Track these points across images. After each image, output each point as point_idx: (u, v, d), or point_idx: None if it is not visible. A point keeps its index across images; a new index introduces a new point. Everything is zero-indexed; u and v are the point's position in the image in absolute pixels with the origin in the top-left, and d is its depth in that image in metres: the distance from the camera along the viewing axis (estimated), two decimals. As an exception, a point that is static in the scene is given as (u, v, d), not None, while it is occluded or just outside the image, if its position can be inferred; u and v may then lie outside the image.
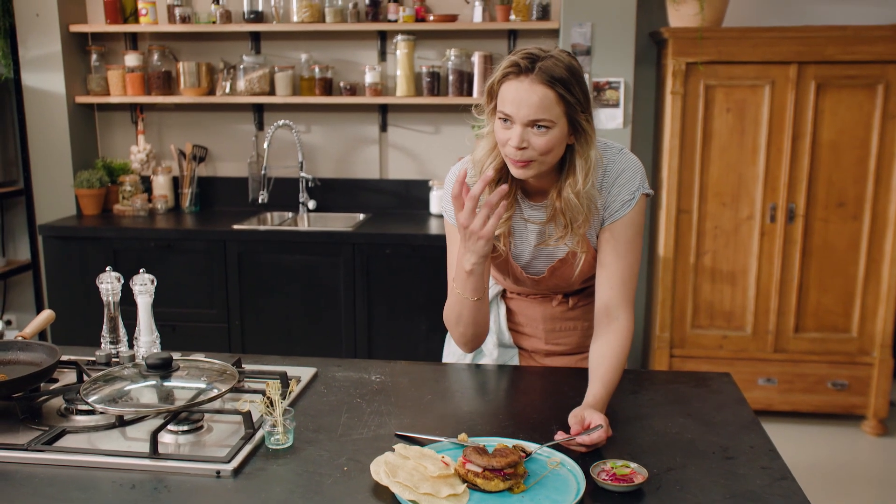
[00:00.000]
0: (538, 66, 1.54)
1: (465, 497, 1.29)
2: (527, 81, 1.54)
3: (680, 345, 3.75)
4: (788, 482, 1.35)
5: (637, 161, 1.75)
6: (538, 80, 1.54)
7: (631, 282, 1.73)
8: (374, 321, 3.66)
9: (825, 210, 3.59)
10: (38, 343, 1.76)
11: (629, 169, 1.72)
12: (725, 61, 3.50)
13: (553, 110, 1.55)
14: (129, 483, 1.36)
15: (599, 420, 1.46)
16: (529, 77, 1.54)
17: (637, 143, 3.96)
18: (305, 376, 1.83)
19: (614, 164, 1.72)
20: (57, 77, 4.01)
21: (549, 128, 1.56)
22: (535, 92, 1.54)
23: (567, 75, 1.55)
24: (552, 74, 1.54)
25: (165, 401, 1.58)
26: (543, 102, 1.54)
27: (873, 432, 3.66)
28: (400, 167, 4.16)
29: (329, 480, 1.36)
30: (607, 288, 1.72)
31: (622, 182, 1.71)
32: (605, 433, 1.45)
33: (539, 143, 1.57)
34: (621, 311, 1.71)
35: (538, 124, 1.56)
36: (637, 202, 1.71)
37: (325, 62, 4.05)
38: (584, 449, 1.47)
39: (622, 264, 1.72)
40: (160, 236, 3.73)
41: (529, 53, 1.57)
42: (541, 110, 1.54)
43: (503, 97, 1.59)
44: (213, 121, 4.23)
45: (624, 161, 1.73)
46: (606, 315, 1.71)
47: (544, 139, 1.57)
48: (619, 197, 1.71)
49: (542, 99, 1.54)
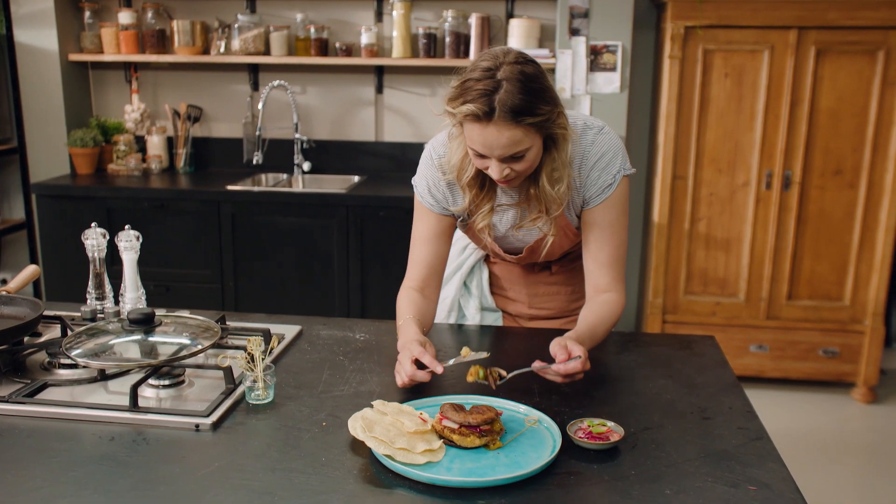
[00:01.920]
0: (497, 106, 1.45)
1: (441, 453, 1.29)
2: (491, 126, 1.47)
3: (673, 311, 3.76)
4: (763, 442, 1.35)
5: (617, 141, 1.70)
6: (502, 122, 1.46)
7: (620, 261, 1.73)
8: (367, 283, 3.66)
9: (821, 178, 3.57)
10: (21, 297, 1.76)
11: (609, 152, 1.68)
12: (725, 25, 3.45)
13: (525, 141, 1.50)
14: (109, 435, 1.37)
15: (579, 352, 1.46)
16: (492, 121, 1.47)
17: (634, 107, 3.92)
18: (290, 334, 1.83)
19: (594, 146, 1.67)
20: (50, 34, 3.97)
21: (525, 152, 1.52)
22: (502, 135, 1.48)
23: (527, 100, 1.46)
24: (513, 109, 1.45)
25: (148, 355, 1.59)
26: (514, 140, 1.48)
27: (863, 400, 3.68)
28: (395, 129, 4.14)
29: (307, 435, 1.37)
30: (596, 270, 1.72)
31: (602, 166, 1.67)
32: (581, 365, 1.45)
33: (520, 168, 1.55)
34: (613, 289, 1.72)
35: (515, 156, 1.52)
36: (618, 185, 1.69)
37: (320, 22, 4.01)
38: (560, 379, 1.48)
39: (609, 246, 1.72)
40: (154, 196, 3.72)
41: (482, 89, 1.46)
42: (513, 146, 1.49)
43: (470, 136, 1.52)
44: (207, 80, 4.20)
45: (604, 143, 1.68)
46: (597, 294, 1.72)
47: (524, 163, 1.54)
48: (600, 181, 1.68)
49: (511, 138, 1.48)
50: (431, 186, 1.76)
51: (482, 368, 1.52)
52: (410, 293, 1.78)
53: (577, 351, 1.46)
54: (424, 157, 1.79)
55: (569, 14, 3.62)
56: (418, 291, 1.79)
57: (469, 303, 2.04)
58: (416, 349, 1.52)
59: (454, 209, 1.75)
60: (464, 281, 2.05)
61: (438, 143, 1.76)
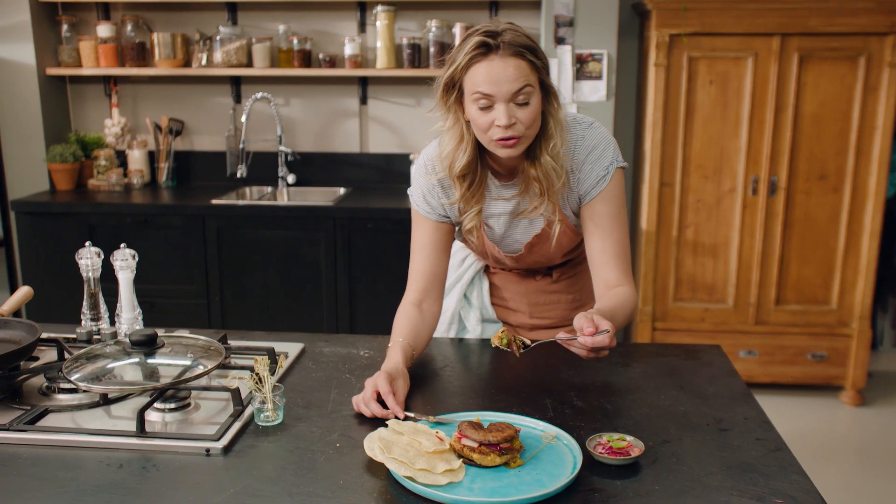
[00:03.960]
0: (502, 41, 1.52)
1: (462, 472, 1.27)
2: (497, 58, 1.52)
3: (662, 318, 3.76)
4: (784, 453, 1.35)
5: (608, 134, 1.72)
6: (508, 53, 1.52)
7: (625, 255, 1.71)
8: (356, 296, 3.63)
9: (806, 183, 3.60)
10: (16, 320, 1.71)
11: (601, 144, 1.69)
12: (709, 33, 3.48)
13: (530, 77, 1.54)
14: (117, 462, 1.32)
15: (607, 326, 1.43)
16: (499, 53, 1.52)
17: (619, 115, 3.93)
18: (293, 352, 1.80)
19: (585, 139, 1.69)
20: (26, 48, 3.90)
21: (529, 97, 1.55)
22: (509, 65, 1.52)
23: (529, 41, 1.55)
24: (519, 44, 1.53)
25: (150, 378, 1.55)
26: (520, 72, 1.53)
27: (852, 403, 3.70)
28: (380, 140, 4.11)
29: (322, 457, 1.34)
30: (603, 266, 1.71)
31: (594, 158, 1.68)
32: (609, 340, 1.42)
33: (524, 116, 1.56)
34: (623, 283, 1.69)
35: (519, 97, 1.54)
36: (612, 176, 1.69)
37: (303, 33, 3.98)
38: (584, 353, 1.44)
39: (612, 240, 1.70)
40: (137, 211, 3.66)
41: (487, 31, 1.54)
42: (520, 79, 1.53)
43: (475, 80, 1.55)
44: (189, 93, 4.14)
45: (595, 136, 1.70)
46: (608, 290, 1.69)
47: (528, 111, 1.56)
48: (594, 173, 1.68)
49: (517, 69, 1.52)
50: (426, 193, 1.76)
51: (506, 335, 1.49)
52: (408, 310, 1.75)
53: (604, 325, 1.43)
54: (417, 166, 1.80)
55: (554, 23, 3.62)
56: (416, 307, 1.76)
57: (469, 314, 2.03)
58: (383, 386, 1.49)
59: (448, 208, 1.75)
60: (464, 292, 2.03)
61: (430, 151, 1.79)
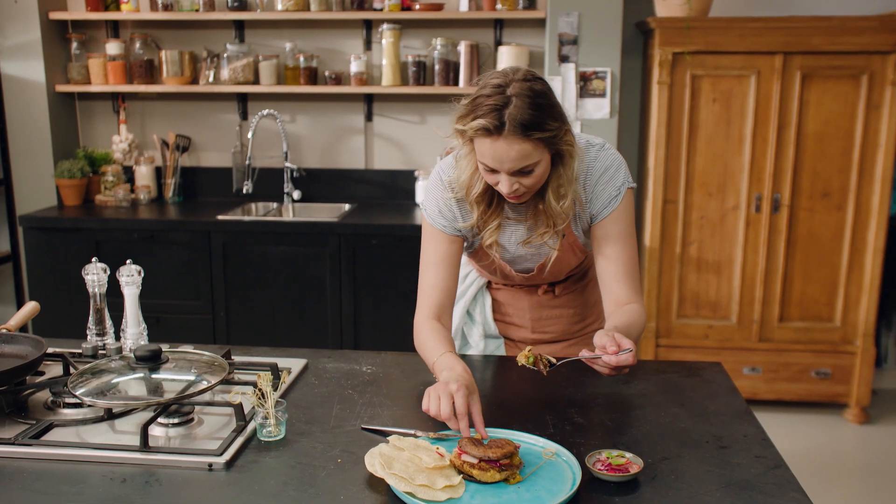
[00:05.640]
0: (507, 120, 1.49)
1: (462, 488, 1.28)
2: (501, 140, 1.51)
3: (666, 334, 3.76)
4: (782, 471, 1.35)
5: (619, 156, 1.76)
6: (511, 135, 1.50)
7: (635, 273, 1.75)
8: (360, 312, 3.64)
9: (810, 200, 3.61)
10: (23, 335, 1.73)
11: (612, 166, 1.73)
12: (712, 51, 3.50)
13: (534, 155, 1.54)
14: (120, 477, 1.34)
15: (629, 345, 1.46)
16: (503, 135, 1.50)
17: (623, 133, 3.95)
18: (296, 368, 1.81)
19: (597, 161, 1.72)
20: (37, 65, 3.94)
21: (534, 167, 1.56)
22: (512, 149, 1.51)
23: (537, 115, 1.50)
24: (523, 124, 1.49)
25: (154, 393, 1.56)
26: (523, 153, 1.52)
27: (856, 420, 3.69)
28: (386, 157, 4.14)
29: (323, 473, 1.35)
30: (613, 284, 1.73)
31: (606, 179, 1.72)
32: (632, 358, 1.45)
33: (529, 183, 1.59)
34: (633, 301, 1.72)
35: (524, 170, 1.56)
36: (623, 197, 1.73)
37: (309, 51, 4.02)
38: (608, 371, 1.48)
39: (622, 259, 1.74)
40: (143, 227, 3.69)
41: (493, 104, 1.50)
42: (522, 160, 1.53)
43: (481, 151, 1.56)
44: (196, 110, 4.18)
45: (607, 158, 1.73)
46: (619, 308, 1.72)
47: (533, 178, 1.58)
48: (605, 193, 1.72)
49: (520, 152, 1.52)
50: (442, 207, 1.76)
51: (532, 354, 1.51)
52: (432, 324, 1.72)
53: (626, 343, 1.46)
54: (432, 179, 1.80)
55: (558, 41, 3.65)
56: (438, 321, 1.74)
57: (473, 330, 2.04)
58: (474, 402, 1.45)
59: (464, 226, 1.75)
60: (467, 309, 2.05)
61: (446, 165, 1.78)
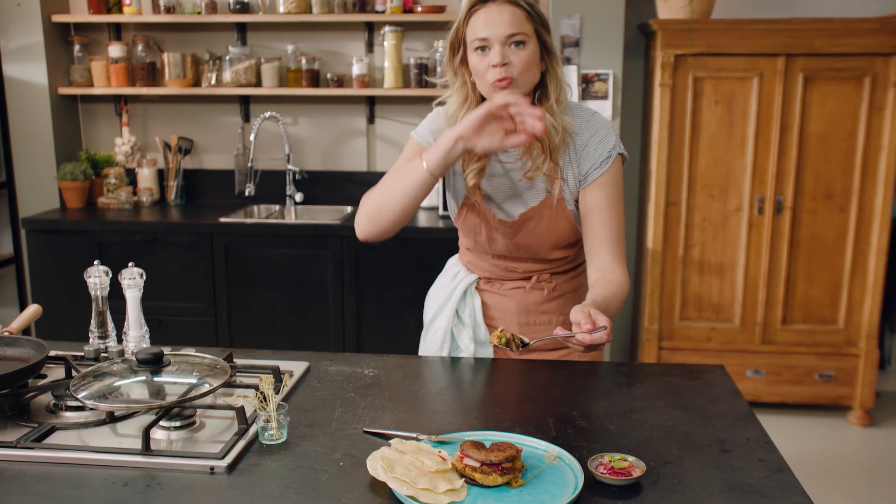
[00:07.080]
0: None
1: (464, 492, 1.28)
2: (494, 6, 1.65)
3: (668, 337, 3.76)
4: (786, 474, 1.35)
5: (610, 122, 1.81)
6: (504, 1, 1.66)
7: (620, 241, 1.78)
8: (362, 315, 3.64)
9: (813, 202, 3.60)
10: (25, 338, 1.73)
11: (603, 129, 1.78)
12: (714, 53, 3.50)
13: (525, 26, 1.66)
14: (122, 480, 1.34)
15: (605, 322, 1.46)
16: (496, 2, 1.66)
17: (625, 135, 3.95)
18: (298, 370, 1.81)
19: (588, 124, 1.77)
20: (39, 68, 3.95)
21: (524, 43, 1.66)
22: (504, 11, 1.65)
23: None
24: None
25: (156, 396, 1.56)
26: (514, 18, 1.65)
27: (859, 423, 3.69)
28: (388, 159, 4.14)
29: (325, 476, 1.34)
30: (599, 249, 1.76)
31: (597, 140, 1.76)
32: (607, 336, 1.45)
33: (518, 60, 1.66)
34: (616, 269, 1.75)
35: (514, 40, 1.65)
36: (614, 161, 1.76)
37: (311, 53, 4.02)
38: (582, 348, 1.48)
39: (609, 226, 1.76)
40: (146, 229, 3.69)
41: None
42: (514, 25, 1.65)
43: (474, 28, 1.67)
44: (198, 112, 4.19)
45: (597, 122, 1.79)
46: (602, 277, 1.74)
47: (522, 55, 1.66)
48: (596, 153, 1.75)
49: (512, 15, 1.65)
50: (435, 129, 1.86)
51: (504, 334, 1.51)
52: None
53: (601, 320, 1.46)
54: (431, 114, 1.92)
55: (560, 43, 3.65)
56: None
57: (462, 333, 2.01)
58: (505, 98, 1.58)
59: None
60: (455, 309, 2.02)
61: (432, 115, 1.90)
